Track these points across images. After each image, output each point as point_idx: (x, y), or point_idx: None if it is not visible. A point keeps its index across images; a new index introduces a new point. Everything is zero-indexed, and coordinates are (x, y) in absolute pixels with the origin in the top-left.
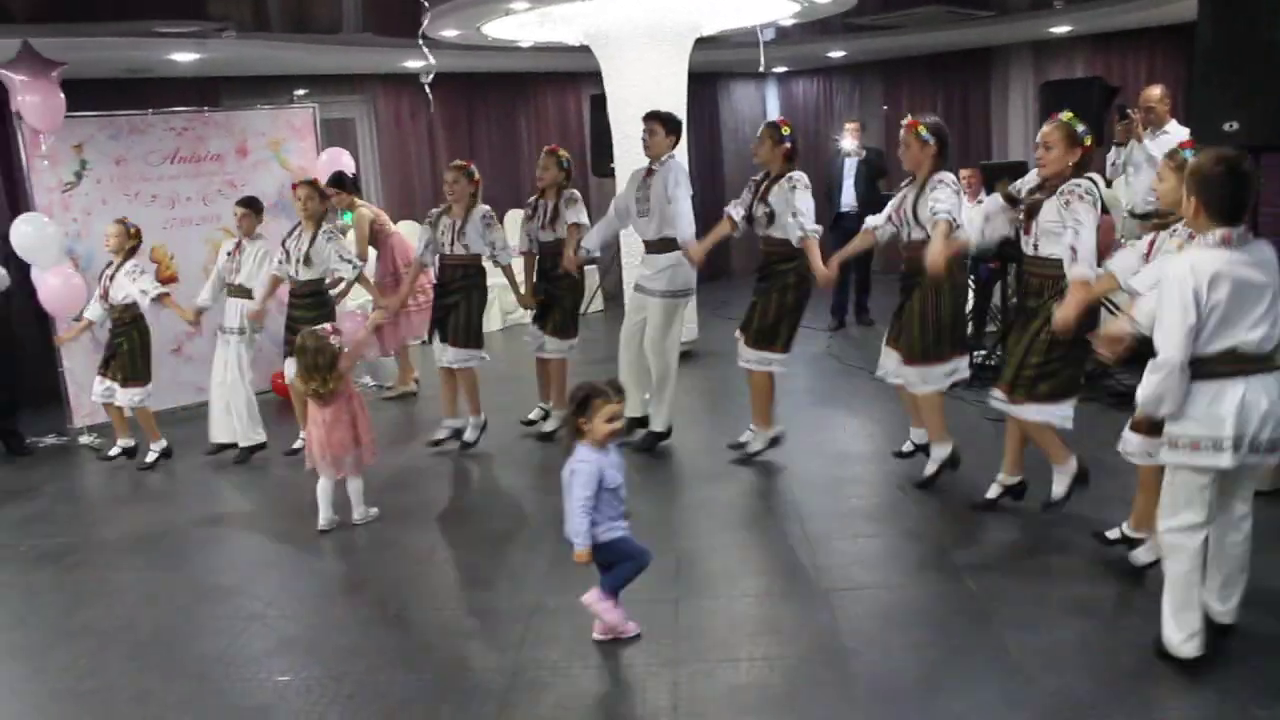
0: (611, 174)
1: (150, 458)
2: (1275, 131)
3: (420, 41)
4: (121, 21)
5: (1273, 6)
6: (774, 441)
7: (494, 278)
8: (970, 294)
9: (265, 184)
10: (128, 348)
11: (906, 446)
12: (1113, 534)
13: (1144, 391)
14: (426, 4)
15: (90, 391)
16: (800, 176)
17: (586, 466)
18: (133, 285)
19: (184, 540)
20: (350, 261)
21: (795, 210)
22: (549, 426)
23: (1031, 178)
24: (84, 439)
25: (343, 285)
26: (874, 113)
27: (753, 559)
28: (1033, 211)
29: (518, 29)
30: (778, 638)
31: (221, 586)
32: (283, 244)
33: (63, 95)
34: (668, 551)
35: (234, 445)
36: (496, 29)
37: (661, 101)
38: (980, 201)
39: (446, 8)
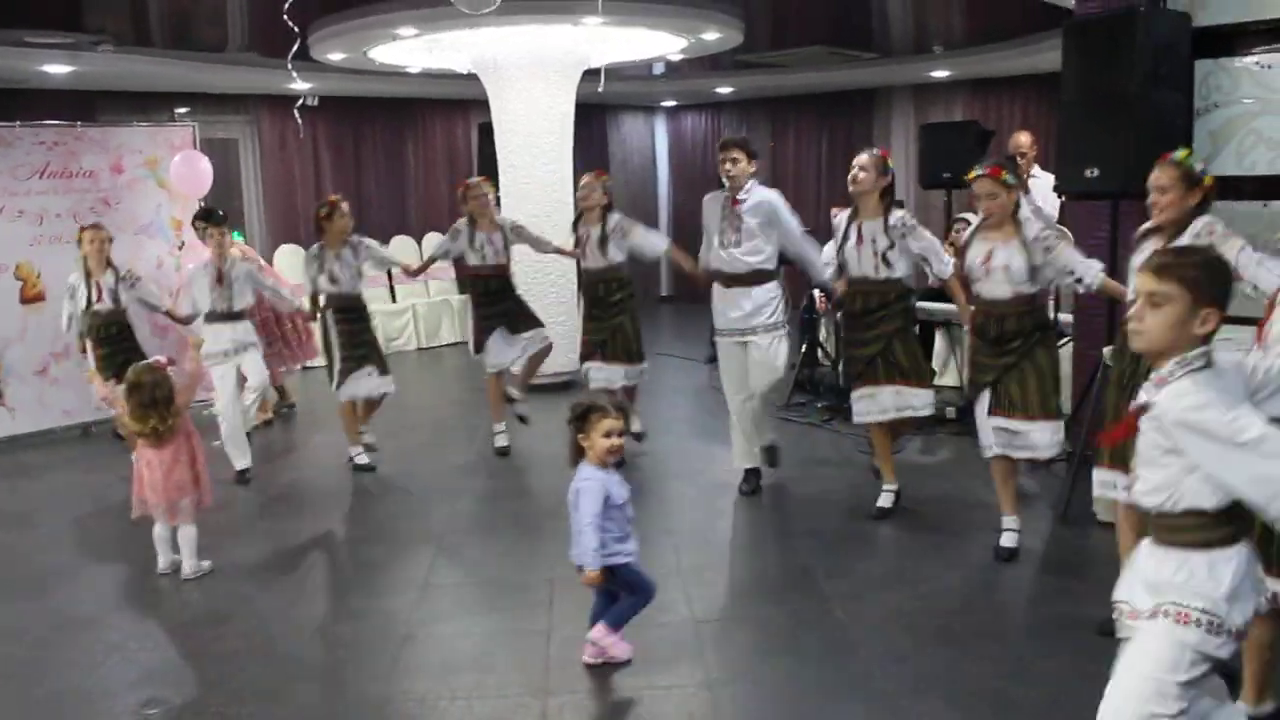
0: (497, 202)
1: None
2: (1131, 179)
3: (289, 67)
4: None
5: (1128, 62)
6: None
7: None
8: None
9: (140, 203)
10: (123, 361)
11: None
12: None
13: None
14: (297, 30)
15: None
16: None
17: (591, 484)
18: (131, 291)
19: (42, 568)
20: (382, 253)
21: (937, 250)
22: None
23: None
24: None
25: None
26: (761, 148)
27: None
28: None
29: (406, 55)
30: (648, 668)
31: (80, 616)
32: (322, 267)
33: None
34: (539, 581)
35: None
36: (384, 54)
37: (549, 132)
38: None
39: (333, 31)
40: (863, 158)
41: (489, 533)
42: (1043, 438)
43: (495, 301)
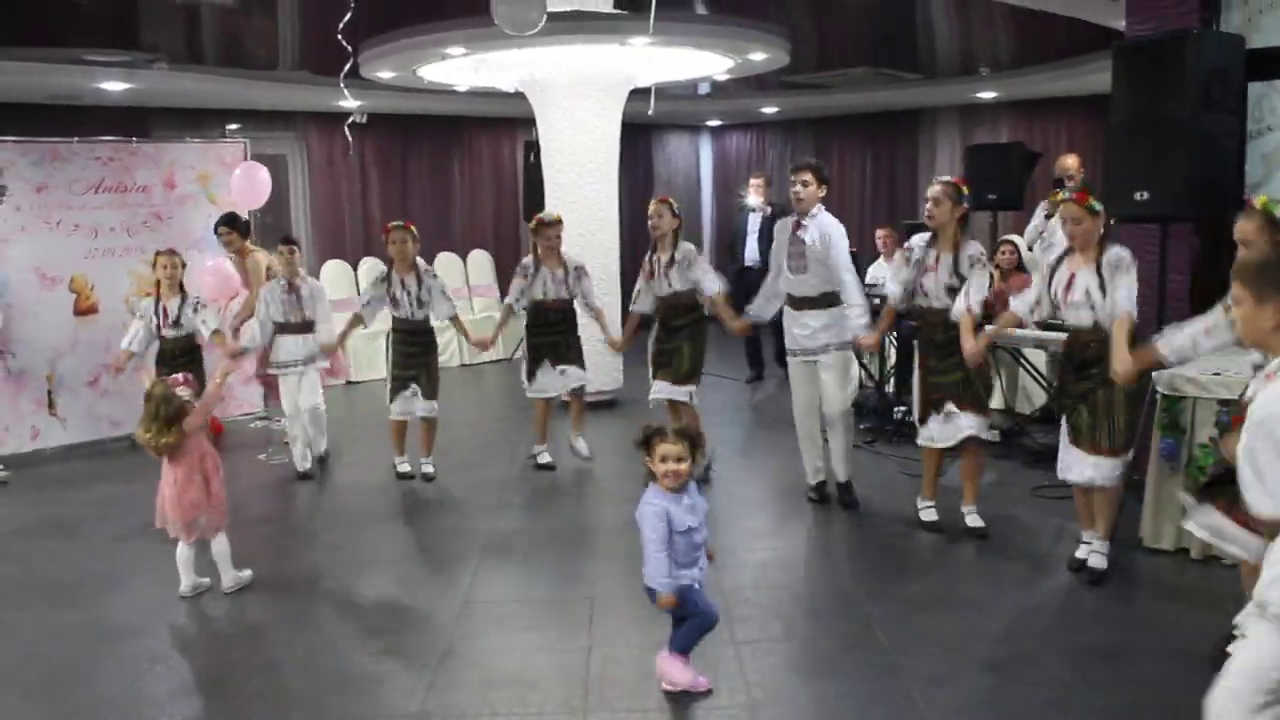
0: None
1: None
2: (1181, 203)
3: (342, 85)
4: (50, 48)
5: (1179, 84)
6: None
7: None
8: (892, 351)
9: (192, 218)
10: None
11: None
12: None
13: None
14: (350, 49)
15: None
16: (978, 251)
17: (650, 508)
18: (195, 316)
19: (88, 577)
20: (450, 301)
21: (970, 288)
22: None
23: None
24: None
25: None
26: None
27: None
28: None
29: (454, 73)
30: (689, 690)
31: (124, 626)
32: (388, 293)
33: None
34: (579, 599)
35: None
36: (432, 72)
37: (595, 151)
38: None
39: (383, 50)
40: (934, 189)
41: (530, 550)
42: (1098, 472)
43: (549, 332)
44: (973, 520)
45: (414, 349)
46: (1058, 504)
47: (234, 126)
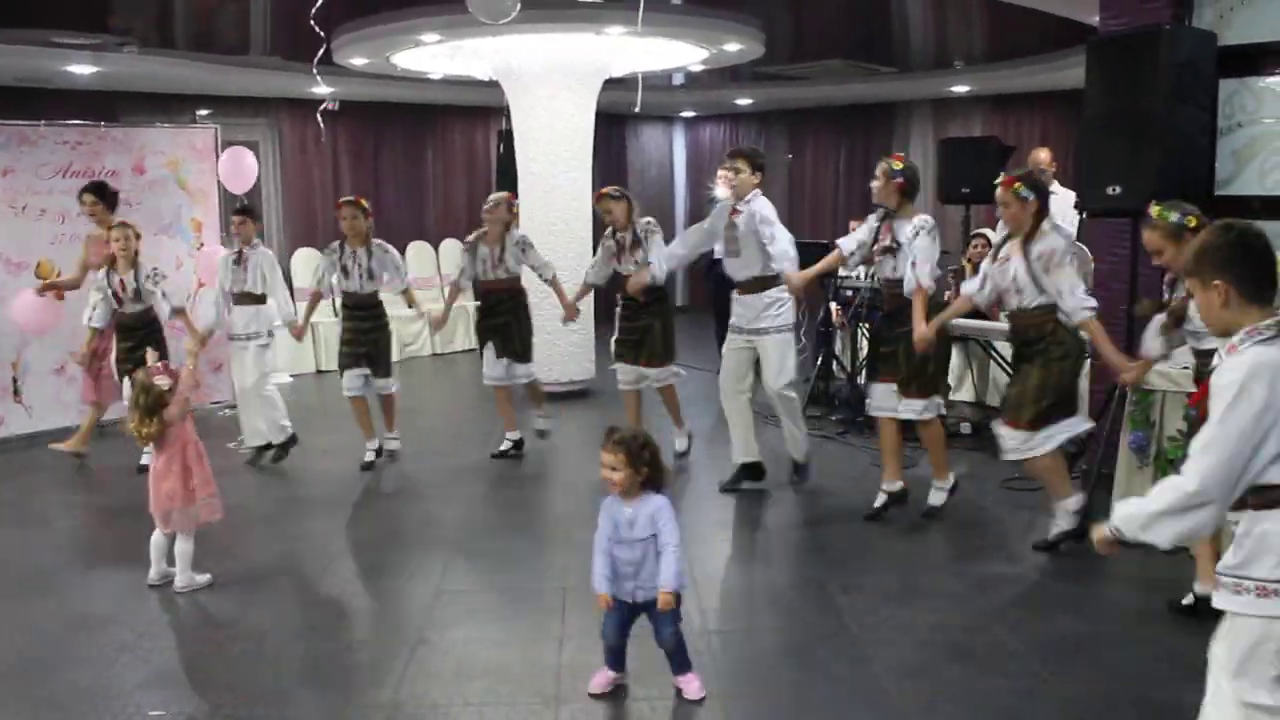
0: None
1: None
2: (1152, 197)
3: (315, 71)
4: (17, 29)
5: (1151, 79)
6: (954, 489)
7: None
8: (864, 340)
9: (162, 203)
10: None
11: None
12: (1186, 600)
13: (1141, 505)
14: (323, 34)
15: None
16: (922, 222)
17: (602, 514)
18: (155, 288)
19: (56, 566)
20: (402, 274)
21: (914, 260)
22: (680, 447)
23: None
24: None
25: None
26: (779, 160)
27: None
28: (1180, 314)
29: (428, 61)
30: (661, 678)
31: (93, 615)
32: (339, 264)
33: None
34: (552, 589)
35: (269, 447)
36: (406, 60)
37: (569, 140)
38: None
39: (356, 36)
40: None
41: (502, 539)
42: (1007, 443)
43: (491, 315)
44: (933, 497)
45: (363, 324)
46: (1028, 495)
47: (204, 112)
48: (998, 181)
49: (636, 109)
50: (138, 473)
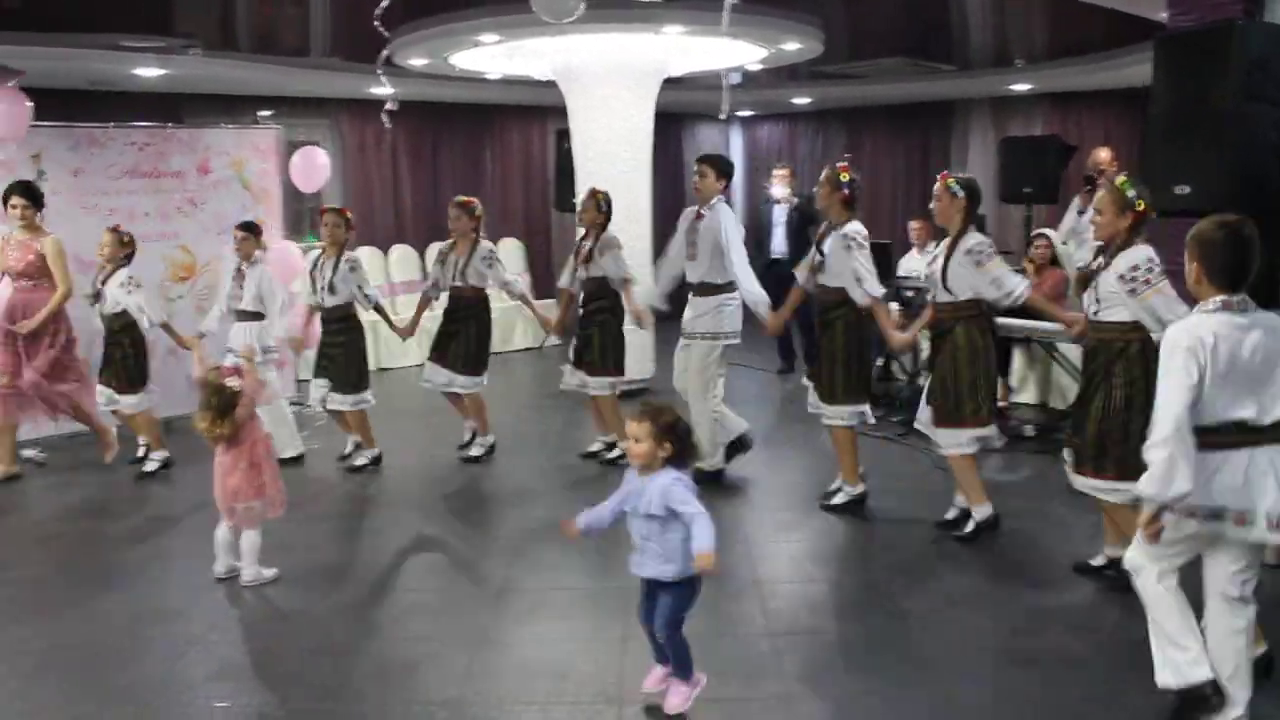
0: (574, 209)
1: (150, 466)
2: (1223, 197)
3: (379, 72)
4: (87, 34)
5: (1221, 76)
6: (862, 498)
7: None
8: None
9: (226, 203)
10: (120, 355)
11: (950, 513)
12: (1097, 561)
13: (1149, 477)
14: (388, 35)
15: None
16: (854, 231)
17: (625, 478)
18: (128, 298)
19: (127, 559)
20: (369, 296)
21: (856, 274)
22: (611, 455)
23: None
24: (27, 453)
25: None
26: (836, 159)
27: (704, 598)
28: (1088, 280)
29: (486, 61)
30: (722, 679)
31: (163, 608)
32: (310, 272)
33: (29, 103)
34: (617, 589)
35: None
36: (465, 60)
37: (627, 140)
38: (927, 252)
39: (415, 37)
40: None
41: (563, 540)
42: (943, 439)
43: (447, 321)
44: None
45: (326, 335)
46: (1092, 499)
47: (266, 113)
48: (937, 176)
49: (723, 115)
50: (137, 480)
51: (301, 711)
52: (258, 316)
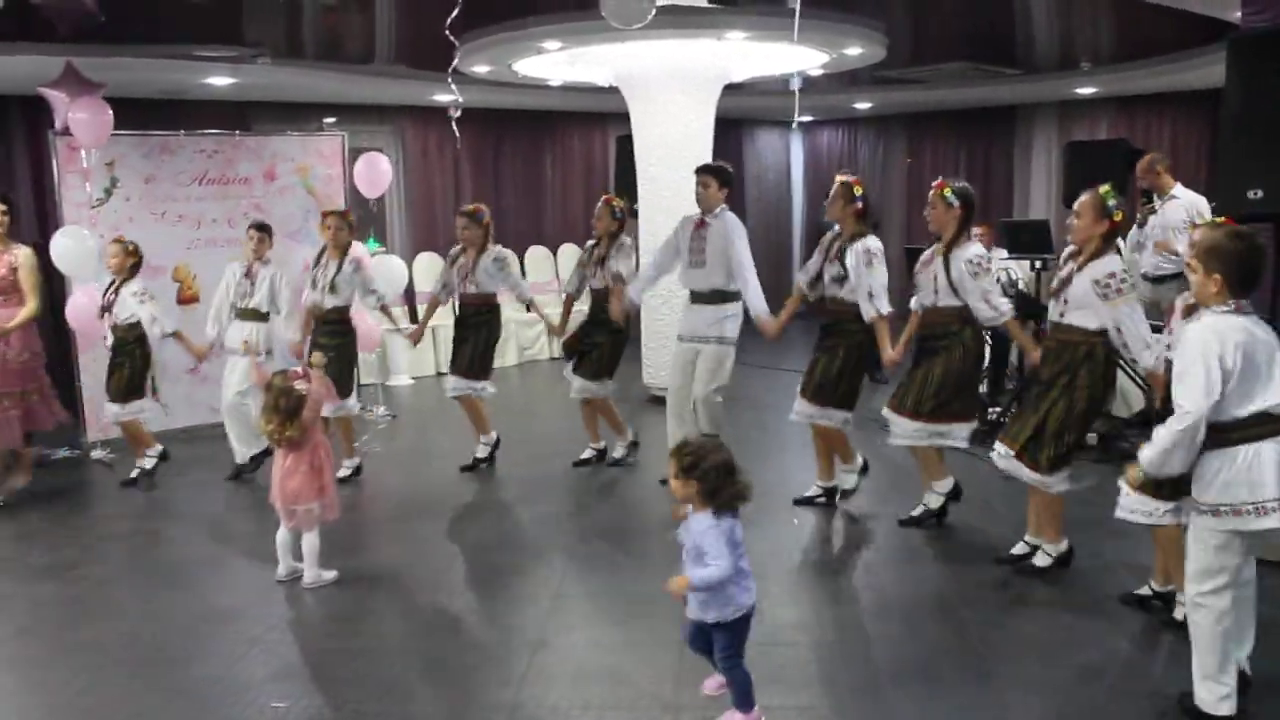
0: (635, 214)
1: (134, 473)
2: None
3: (449, 79)
4: (162, 44)
5: None
6: (846, 493)
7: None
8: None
9: (290, 209)
10: (129, 369)
11: (916, 510)
12: (1143, 591)
13: (1154, 449)
14: (456, 41)
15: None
16: (876, 247)
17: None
18: (141, 308)
19: (190, 560)
20: (375, 292)
21: (870, 290)
22: (618, 454)
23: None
24: (96, 454)
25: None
26: (897, 164)
27: (760, 605)
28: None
29: (549, 68)
30: (780, 686)
31: (224, 609)
32: (312, 272)
33: (110, 113)
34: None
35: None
36: (528, 67)
37: (688, 146)
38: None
39: (480, 44)
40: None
41: (620, 544)
42: (898, 430)
43: (459, 328)
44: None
45: (323, 338)
46: None
47: (331, 120)
48: (934, 183)
49: (794, 125)
50: (121, 486)
51: (358, 713)
52: (263, 317)
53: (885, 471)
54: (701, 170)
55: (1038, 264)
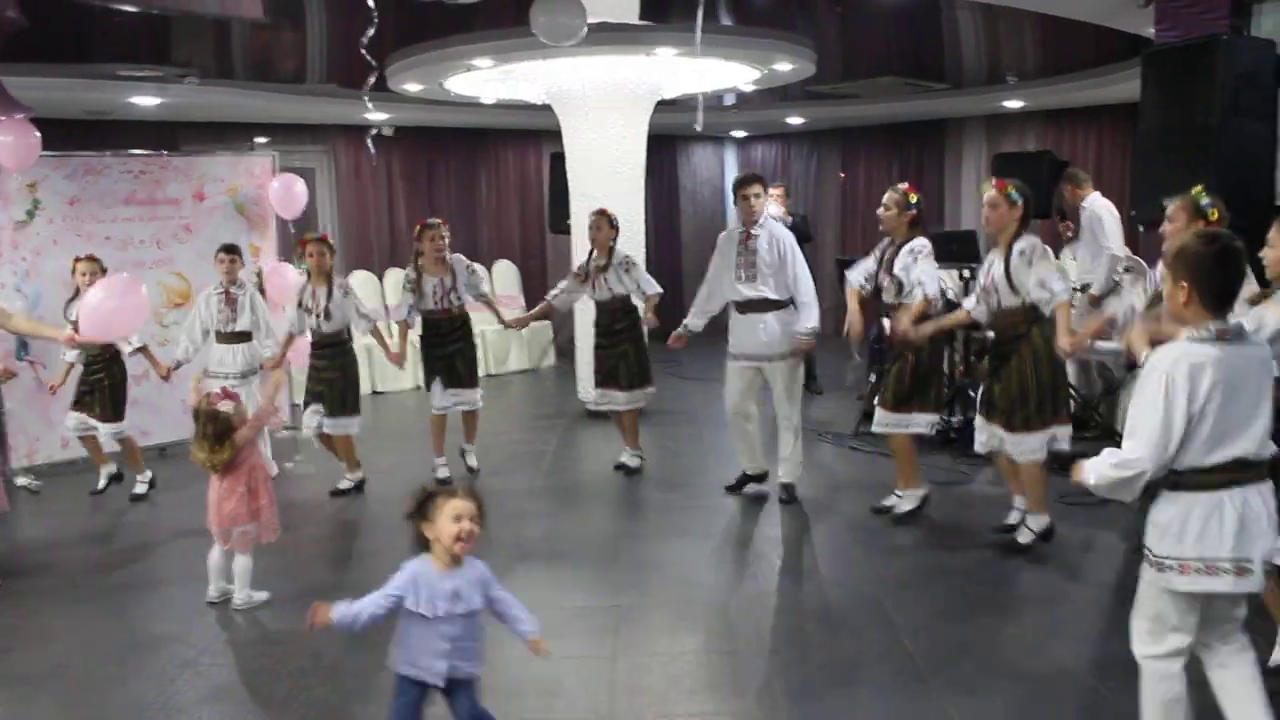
0: (568, 230)
1: (140, 489)
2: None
3: (366, 99)
4: (85, 64)
5: (1208, 90)
6: (924, 501)
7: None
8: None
9: (222, 230)
10: (108, 384)
11: (1012, 517)
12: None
13: (1097, 478)
14: (375, 63)
15: (27, 432)
16: (923, 244)
17: (400, 576)
18: None
19: (120, 585)
20: (366, 317)
21: (920, 280)
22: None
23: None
24: (20, 480)
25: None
26: (830, 178)
27: (695, 615)
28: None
29: (480, 85)
30: (714, 695)
31: (155, 633)
32: (299, 302)
33: (38, 135)
34: (605, 607)
35: None
36: (459, 84)
37: (622, 162)
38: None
39: (410, 62)
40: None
41: (555, 558)
42: (1017, 446)
43: (441, 345)
44: (891, 499)
45: (321, 362)
46: (1086, 511)
47: (262, 140)
48: (990, 182)
49: (698, 127)
50: (132, 502)
51: None
52: (245, 338)
53: (823, 479)
54: (753, 180)
55: (965, 273)
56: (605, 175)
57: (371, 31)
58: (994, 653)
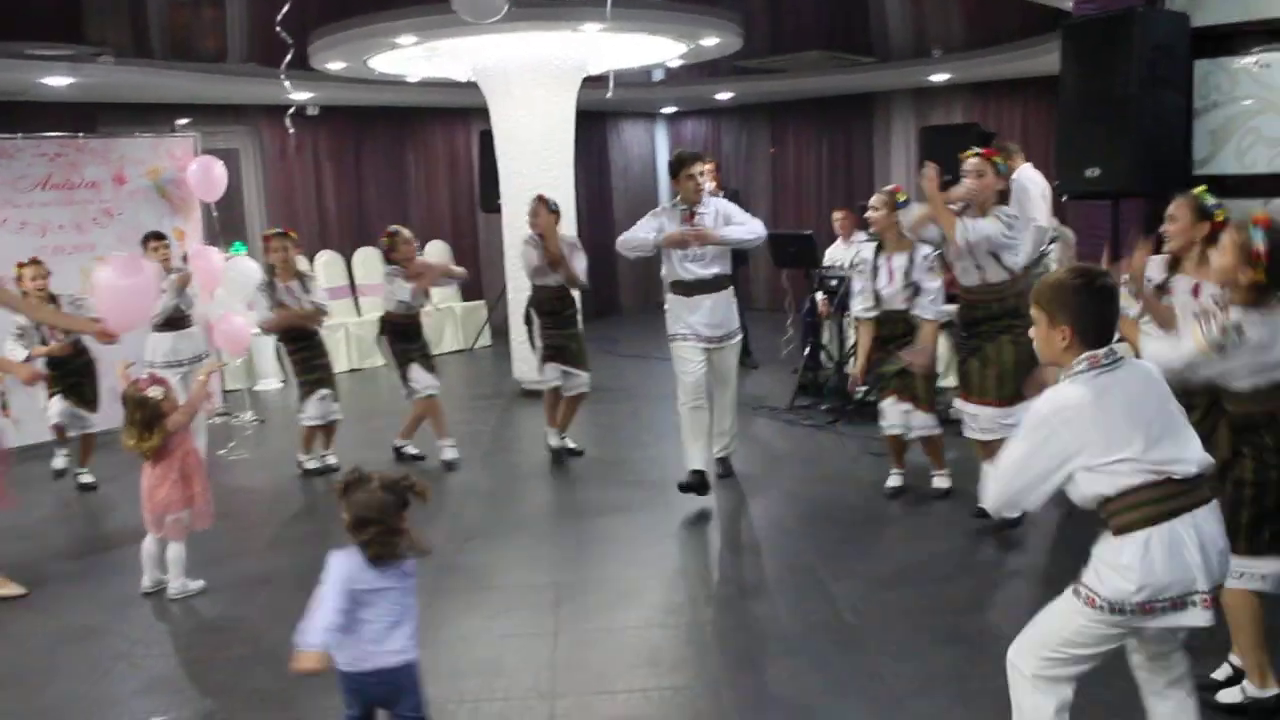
0: (498, 209)
1: (87, 479)
2: (1130, 178)
3: (282, 76)
4: None
5: (1125, 62)
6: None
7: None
8: (851, 330)
9: (144, 214)
10: (91, 371)
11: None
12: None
13: (990, 496)
14: (292, 41)
15: None
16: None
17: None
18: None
19: (48, 578)
20: (320, 306)
21: (924, 289)
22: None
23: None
24: None
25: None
26: (760, 154)
27: (635, 590)
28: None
29: (405, 63)
30: (655, 669)
31: (86, 626)
32: (277, 300)
33: None
34: (545, 584)
35: None
36: (384, 63)
37: (550, 139)
38: (851, 243)
39: (333, 40)
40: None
41: (493, 538)
42: (989, 420)
43: (414, 338)
44: (939, 482)
45: (310, 352)
46: None
47: (184, 121)
48: (976, 150)
49: (609, 94)
50: (54, 478)
51: None
52: (181, 324)
53: (760, 452)
54: (696, 158)
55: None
56: (535, 152)
57: (287, 8)
58: (931, 617)
